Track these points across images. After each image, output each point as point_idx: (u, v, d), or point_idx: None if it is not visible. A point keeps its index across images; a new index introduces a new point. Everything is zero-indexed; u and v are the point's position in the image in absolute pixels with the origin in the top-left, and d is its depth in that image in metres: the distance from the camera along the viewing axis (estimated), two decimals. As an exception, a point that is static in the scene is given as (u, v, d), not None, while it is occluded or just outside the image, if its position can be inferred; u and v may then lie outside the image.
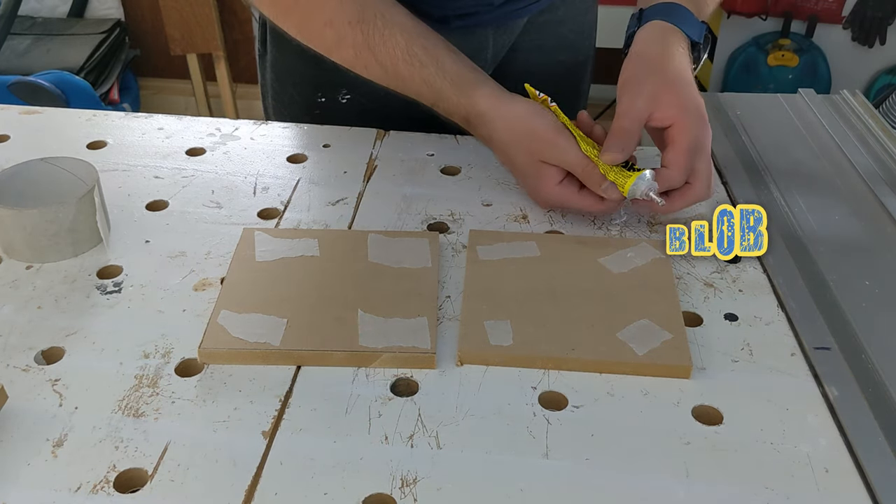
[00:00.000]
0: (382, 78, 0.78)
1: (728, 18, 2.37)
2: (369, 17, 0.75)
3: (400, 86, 0.78)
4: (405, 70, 0.76)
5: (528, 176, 0.76)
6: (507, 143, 0.75)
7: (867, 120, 0.93)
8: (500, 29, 0.94)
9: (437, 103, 0.78)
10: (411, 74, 0.76)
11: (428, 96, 0.77)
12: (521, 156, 0.75)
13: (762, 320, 0.65)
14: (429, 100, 0.78)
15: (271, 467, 0.53)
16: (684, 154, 0.70)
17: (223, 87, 2.46)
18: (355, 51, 0.76)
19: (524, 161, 0.75)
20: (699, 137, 0.71)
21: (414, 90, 0.77)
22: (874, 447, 0.54)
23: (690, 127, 0.71)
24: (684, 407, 0.57)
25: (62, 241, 0.70)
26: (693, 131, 0.71)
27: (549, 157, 0.73)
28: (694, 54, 0.78)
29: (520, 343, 0.61)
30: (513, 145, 0.75)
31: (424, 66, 0.76)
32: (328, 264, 0.69)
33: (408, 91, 0.78)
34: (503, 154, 0.78)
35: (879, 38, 2.30)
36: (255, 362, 0.60)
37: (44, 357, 0.61)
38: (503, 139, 0.76)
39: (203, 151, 0.87)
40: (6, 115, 0.93)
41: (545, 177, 0.74)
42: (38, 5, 2.43)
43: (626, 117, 0.72)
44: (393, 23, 0.76)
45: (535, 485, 0.52)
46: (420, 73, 0.76)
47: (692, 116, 0.71)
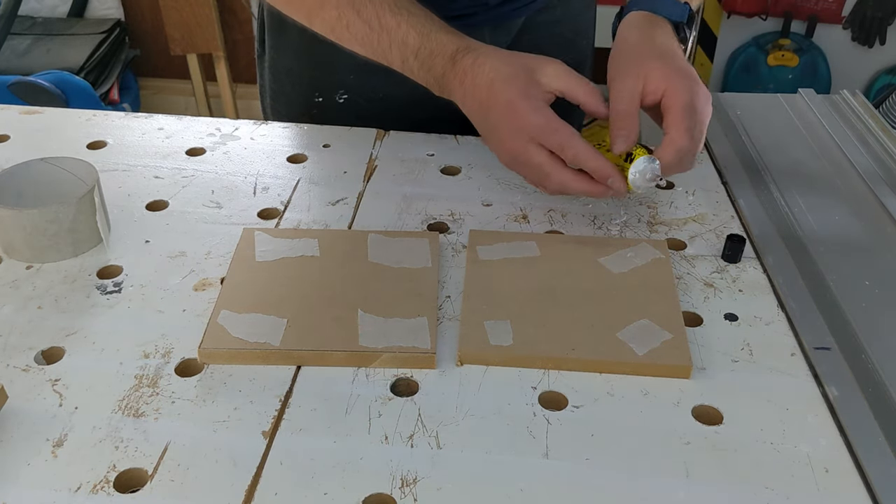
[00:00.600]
0: (364, 37, 0.75)
1: (728, 18, 2.37)
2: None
3: (383, 40, 0.75)
4: (391, 20, 0.74)
5: (509, 117, 0.70)
6: (499, 77, 0.70)
7: (867, 120, 0.93)
8: (497, 29, 0.94)
9: (424, 45, 0.73)
10: (398, 23, 0.74)
11: (414, 41, 0.73)
12: (512, 90, 0.69)
13: (762, 320, 0.65)
14: (413, 45, 0.74)
15: (271, 467, 0.53)
16: (681, 114, 0.69)
17: (223, 87, 2.46)
18: (338, 11, 0.75)
19: (512, 97, 0.69)
20: (694, 99, 0.69)
21: (399, 38, 0.74)
22: (874, 447, 0.54)
23: (681, 89, 0.69)
24: (684, 407, 0.57)
25: (62, 241, 0.70)
26: (686, 93, 0.69)
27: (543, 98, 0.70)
28: (680, 35, 0.78)
29: (520, 343, 0.61)
30: (504, 81, 0.70)
31: (413, 15, 0.74)
32: (328, 264, 0.69)
33: (392, 43, 0.74)
34: (487, 91, 0.70)
35: (879, 38, 2.30)
36: (255, 362, 0.60)
37: (44, 357, 0.61)
38: (496, 70, 0.70)
39: (203, 151, 0.87)
40: (6, 115, 0.93)
41: (532, 126, 0.69)
42: (38, 5, 2.43)
43: (620, 101, 0.71)
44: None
45: (535, 485, 0.52)
46: (408, 19, 0.73)
47: (682, 78, 0.70)
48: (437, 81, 0.74)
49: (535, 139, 0.69)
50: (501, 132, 0.71)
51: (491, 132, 0.72)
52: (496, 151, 0.73)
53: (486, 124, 0.72)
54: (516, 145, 0.70)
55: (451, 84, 0.73)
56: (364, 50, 0.76)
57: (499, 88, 0.70)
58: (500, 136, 0.71)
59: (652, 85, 0.71)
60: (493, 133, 0.72)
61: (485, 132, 0.73)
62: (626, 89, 0.71)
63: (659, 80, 0.70)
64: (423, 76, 0.74)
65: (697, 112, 0.69)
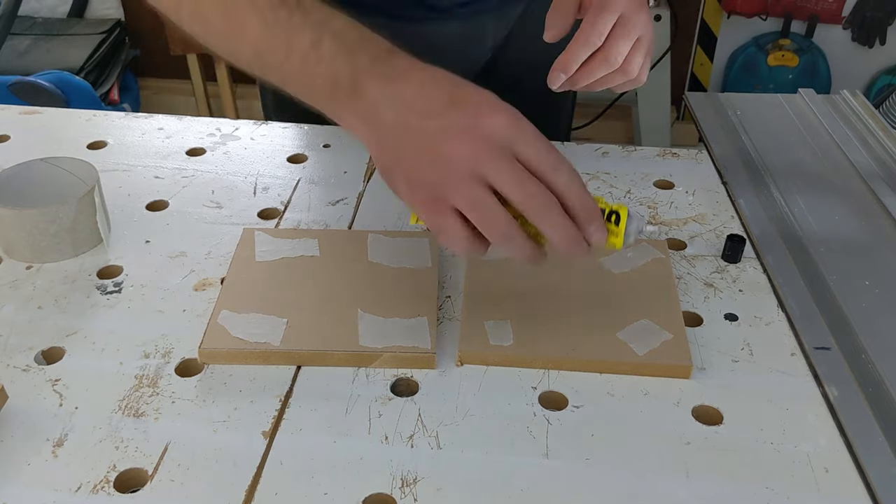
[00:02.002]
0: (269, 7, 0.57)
1: (728, 18, 2.37)
2: None
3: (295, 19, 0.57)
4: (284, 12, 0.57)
5: (482, 115, 0.52)
6: (465, 82, 0.55)
7: (867, 120, 0.93)
8: (499, 16, 0.94)
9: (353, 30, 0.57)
10: (324, 6, 0.58)
11: (341, 25, 0.57)
12: (487, 94, 0.54)
13: (762, 320, 0.65)
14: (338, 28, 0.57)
15: (271, 467, 0.53)
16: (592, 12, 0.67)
17: (223, 87, 2.46)
18: None
19: (491, 98, 0.54)
20: (610, 0, 0.67)
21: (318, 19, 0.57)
22: (874, 447, 0.54)
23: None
24: (684, 407, 0.57)
25: (62, 241, 0.70)
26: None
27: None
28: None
29: (520, 343, 0.61)
30: (474, 86, 0.55)
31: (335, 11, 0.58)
32: (328, 264, 0.69)
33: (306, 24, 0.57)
34: (451, 88, 0.54)
35: (879, 38, 2.30)
36: (255, 362, 0.60)
37: (44, 357, 0.61)
38: (423, 73, 0.55)
39: (203, 151, 0.87)
40: (6, 115, 0.93)
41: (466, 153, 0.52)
42: (38, 5, 2.43)
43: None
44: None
45: (535, 485, 0.52)
46: (332, 7, 0.58)
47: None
48: (351, 73, 0.55)
49: (516, 146, 0.52)
50: (470, 132, 0.52)
51: (447, 135, 0.53)
52: (432, 165, 0.53)
53: (437, 126, 0.53)
54: (487, 149, 0.52)
55: (379, 78, 0.55)
56: (259, 29, 0.57)
57: (469, 89, 0.54)
58: (466, 136, 0.52)
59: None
60: (450, 136, 0.52)
61: (428, 139, 0.53)
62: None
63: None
64: (333, 66, 0.55)
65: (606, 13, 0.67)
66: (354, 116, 0.56)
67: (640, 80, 0.72)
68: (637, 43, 0.70)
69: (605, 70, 0.69)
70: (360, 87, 0.55)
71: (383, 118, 0.55)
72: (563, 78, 0.69)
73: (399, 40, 0.61)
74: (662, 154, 0.88)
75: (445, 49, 0.91)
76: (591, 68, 0.69)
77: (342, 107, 0.57)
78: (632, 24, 0.69)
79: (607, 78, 0.71)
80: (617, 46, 0.69)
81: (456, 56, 0.93)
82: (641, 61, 0.71)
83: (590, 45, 0.68)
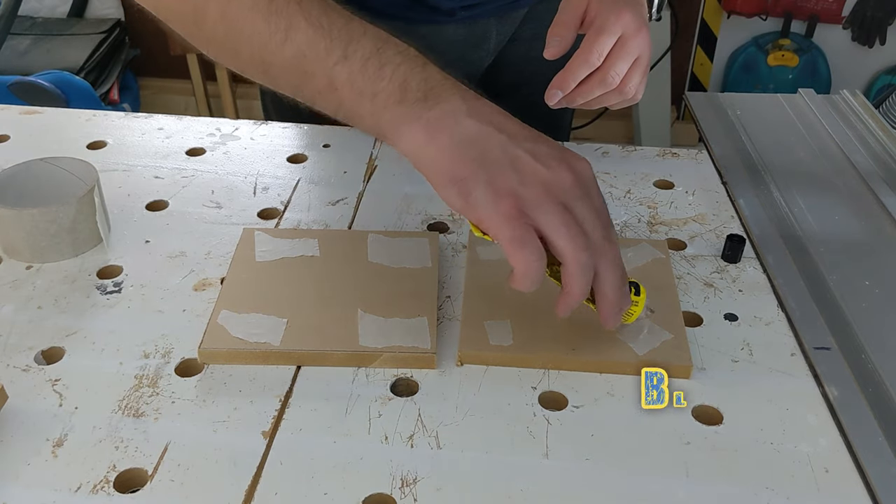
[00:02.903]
0: (323, 13, 0.57)
1: (728, 18, 2.37)
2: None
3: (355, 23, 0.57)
4: (340, 19, 0.57)
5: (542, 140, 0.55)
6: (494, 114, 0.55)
7: (867, 120, 0.93)
8: (502, 19, 0.94)
9: (383, 48, 0.56)
10: (359, 24, 0.57)
11: (368, 45, 0.56)
12: (521, 126, 0.55)
13: (762, 320, 0.65)
14: (403, 43, 0.57)
15: (271, 467, 0.53)
16: (595, 32, 0.69)
17: (223, 87, 2.46)
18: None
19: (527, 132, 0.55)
20: (611, 21, 0.69)
21: (384, 32, 0.57)
22: (874, 447, 0.54)
23: (604, 13, 0.70)
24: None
25: (62, 241, 0.70)
26: (606, 13, 0.70)
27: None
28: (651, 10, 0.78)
29: (520, 343, 0.61)
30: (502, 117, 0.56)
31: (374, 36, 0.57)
32: (328, 264, 0.69)
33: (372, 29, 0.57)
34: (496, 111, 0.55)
35: (879, 38, 2.30)
36: (255, 362, 0.60)
37: (44, 357, 0.61)
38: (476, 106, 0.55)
39: (203, 151, 0.87)
40: (6, 115, 0.93)
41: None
42: (38, 5, 2.43)
43: (563, 12, 0.72)
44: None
45: (535, 485, 0.52)
46: (372, 26, 0.58)
47: (612, 10, 0.70)
48: (424, 82, 0.55)
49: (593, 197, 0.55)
50: (554, 161, 0.54)
51: (531, 156, 0.54)
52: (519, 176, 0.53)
53: (521, 145, 0.54)
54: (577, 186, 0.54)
55: (452, 91, 0.55)
56: (309, 31, 0.56)
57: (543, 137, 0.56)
58: (551, 162, 0.54)
59: (591, 13, 0.71)
60: (543, 159, 0.54)
61: (511, 152, 0.54)
62: (571, 6, 0.72)
63: (595, 9, 0.71)
64: (403, 71, 0.55)
65: (605, 34, 0.69)
66: (424, 123, 0.54)
67: (636, 99, 0.73)
68: (635, 63, 0.71)
69: (602, 90, 0.71)
70: (437, 93, 0.54)
71: (464, 126, 0.54)
72: (559, 95, 0.71)
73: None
74: (662, 154, 0.88)
75: (448, 51, 0.91)
76: (588, 87, 0.71)
77: (410, 113, 0.54)
78: (631, 45, 0.70)
79: (604, 97, 0.72)
80: (615, 67, 0.70)
81: (458, 58, 0.93)
82: (639, 81, 0.72)
83: (589, 64, 0.69)
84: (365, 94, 0.55)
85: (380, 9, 0.85)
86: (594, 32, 0.69)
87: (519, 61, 0.99)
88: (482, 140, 0.54)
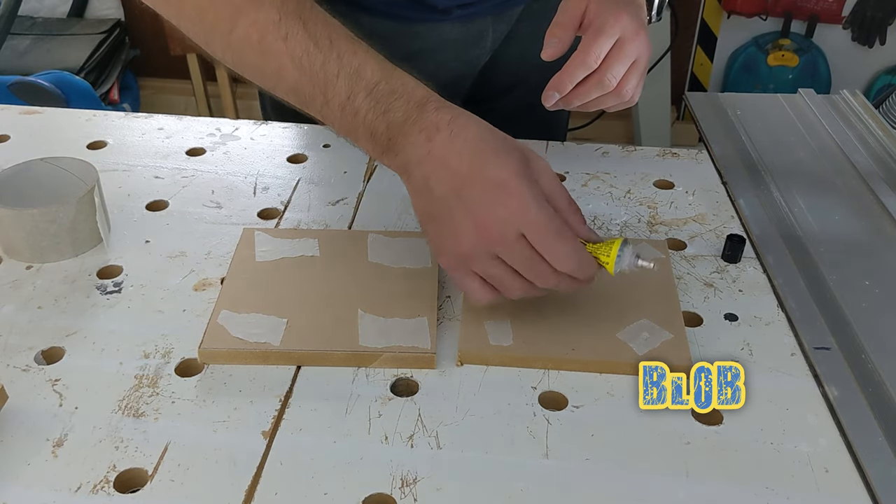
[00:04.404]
0: (303, 56, 0.59)
1: (728, 18, 2.37)
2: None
3: (331, 65, 0.59)
4: (346, 44, 0.59)
5: (498, 200, 0.56)
6: (489, 148, 0.57)
7: (867, 120, 0.93)
8: (498, 17, 0.94)
9: (385, 81, 0.59)
10: (354, 49, 0.59)
11: (372, 74, 0.59)
12: (508, 169, 0.56)
13: (762, 320, 0.65)
14: (371, 79, 0.59)
15: (271, 467, 0.53)
16: (590, 35, 0.69)
17: (223, 87, 2.46)
18: (280, 14, 0.59)
19: (508, 178, 0.56)
20: (609, 23, 0.69)
21: (354, 67, 0.58)
22: (874, 447, 0.54)
23: (603, 15, 0.70)
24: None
25: (62, 241, 0.70)
26: (604, 15, 0.70)
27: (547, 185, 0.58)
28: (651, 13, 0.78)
29: (520, 343, 0.61)
30: (497, 155, 0.57)
31: (371, 49, 0.61)
32: (328, 264, 0.69)
33: (342, 71, 0.59)
34: (470, 161, 0.56)
35: (879, 38, 2.30)
36: (255, 362, 0.60)
37: (44, 357, 0.61)
38: (484, 140, 0.57)
39: (203, 151, 0.87)
40: (6, 115, 0.93)
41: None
42: (38, 5, 2.43)
43: (561, 14, 0.72)
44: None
45: (535, 485, 0.52)
46: (367, 50, 0.60)
47: (612, 13, 0.70)
48: (386, 130, 0.58)
49: (526, 233, 0.56)
50: (481, 216, 0.56)
51: (462, 214, 0.57)
52: (454, 239, 0.58)
53: (456, 202, 0.57)
54: (498, 235, 0.56)
55: (409, 136, 0.57)
56: (295, 73, 0.59)
57: (490, 162, 0.56)
58: (478, 220, 0.56)
59: (590, 15, 0.71)
60: (465, 216, 0.57)
61: (448, 212, 0.57)
62: (570, 7, 0.72)
63: (594, 11, 0.71)
64: (369, 121, 0.58)
65: (603, 37, 0.69)
66: (392, 167, 0.61)
67: (633, 102, 0.74)
68: (633, 65, 0.71)
69: (599, 92, 0.71)
70: (395, 145, 0.59)
71: (415, 179, 0.59)
72: (556, 97, 0.71)
73: (399, 41, 0.62)
74: (662, 154, 0.88)
75: (445, 50, 0.91)
76: (585, 89, 0.71)
77: (381, 158, 0.61)
78: (629, 47, 0.70)
79: (601, 99, 0.72)
80: (612, 70, 0.70)
81: (455, 57, 0.93)
82: (636, 83, 0.72)
83: (586, 66, 0.70)
84: (350, 133, 0.61)
85: (377, 7, 0.84)
86: (592, 34, 0.69)
87: (515, 61, 0.98)
88: (425, 195, 0.59)
